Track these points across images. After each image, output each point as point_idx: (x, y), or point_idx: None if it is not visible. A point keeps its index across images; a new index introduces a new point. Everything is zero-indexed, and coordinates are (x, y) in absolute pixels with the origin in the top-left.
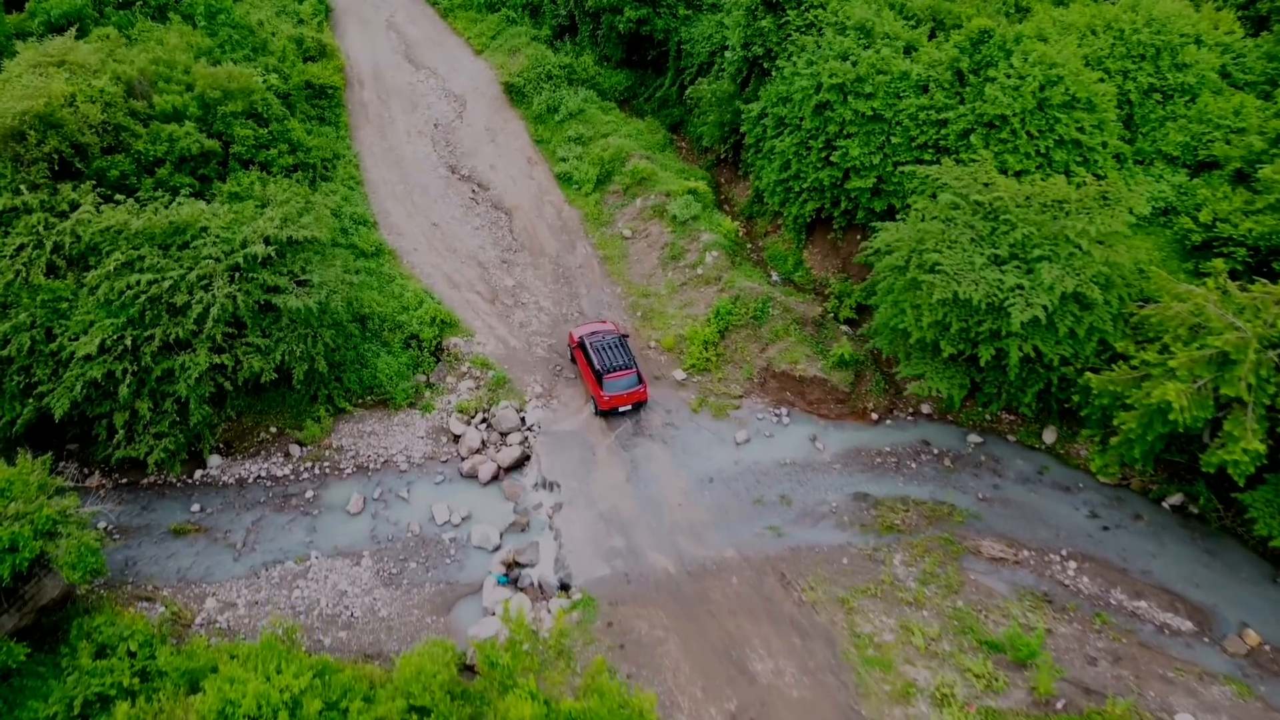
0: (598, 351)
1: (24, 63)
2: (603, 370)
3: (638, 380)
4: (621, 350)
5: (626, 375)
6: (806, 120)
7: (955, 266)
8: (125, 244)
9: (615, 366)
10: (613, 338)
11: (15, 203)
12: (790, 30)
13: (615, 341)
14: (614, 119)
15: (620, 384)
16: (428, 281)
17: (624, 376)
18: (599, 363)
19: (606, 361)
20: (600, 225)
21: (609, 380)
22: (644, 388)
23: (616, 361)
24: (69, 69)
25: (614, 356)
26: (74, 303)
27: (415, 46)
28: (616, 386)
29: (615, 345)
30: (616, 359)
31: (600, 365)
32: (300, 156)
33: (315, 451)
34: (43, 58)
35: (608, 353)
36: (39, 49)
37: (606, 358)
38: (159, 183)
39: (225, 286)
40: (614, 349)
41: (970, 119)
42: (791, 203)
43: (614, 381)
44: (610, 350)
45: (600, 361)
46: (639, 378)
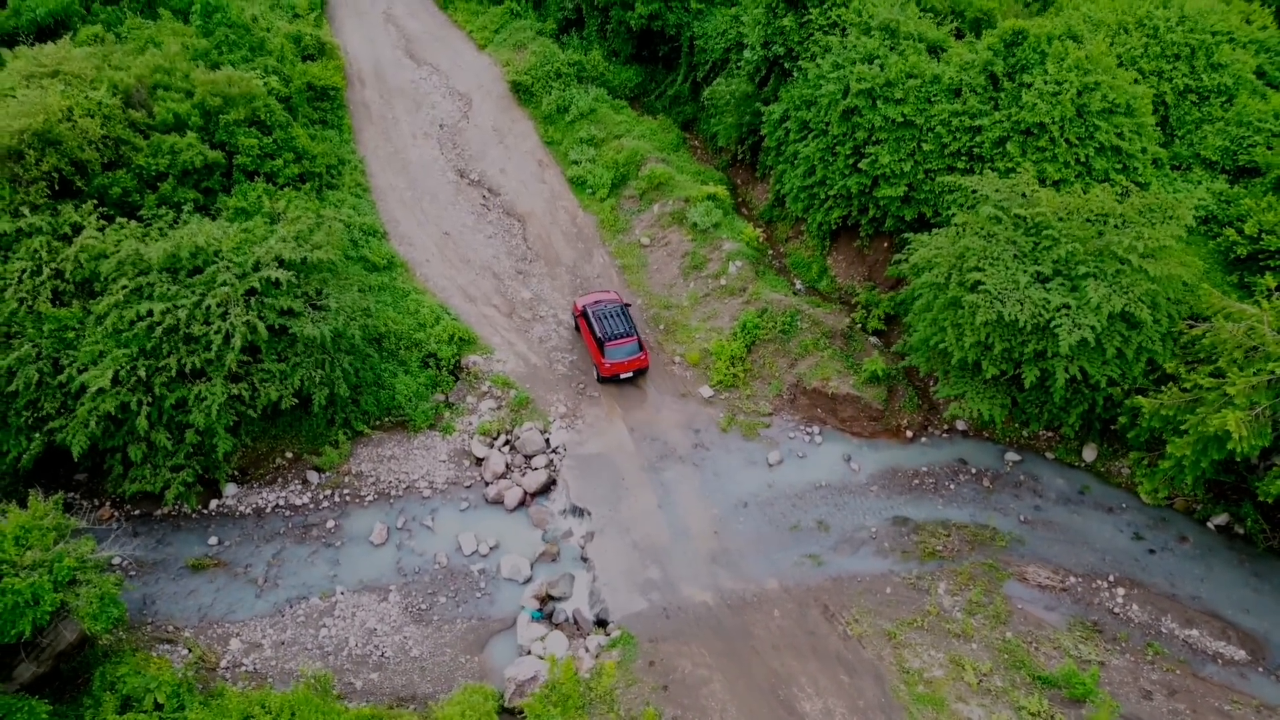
0: (599, 320)
1: (16, 73)
2: (604, 338)
3: (639, 348)
4: (623, 318)
5: (628, 343)
6: (833, 126)
7: (998, 285)
8: (132, 269)
9: (616, 334)
10: (615, 306)
11: (17, 225)
12: (813, 29)
13: (617, 310)
14: (626, 118)
15: (621, 351)
16: (443, 295)
17: (625, 344)
18: (600, 331)
19: (608, 329)
20: (617, 232)
21: (610, 348)
22: (645, 355)
23: (618, 329)
24: (64, 79)
25: (615, 324)
26: (81, 332)
27: (416, 41)
28: (618, 354)
29: (617, 314)
30: (618, 327)
31: (601, 333)
32: (305, 165)
33: (334, 478)
34: (36, 68)
35: (609, 321)
36: (31, 57)
37: (608, 325)
38: (162, 199)
39: (243, 313)
40: (615, 317)
41: (1006, 126)
42: (816, 209)
43: (615, 349)
44: (612, 319)
45: (602, 329)
46: (640, 345)
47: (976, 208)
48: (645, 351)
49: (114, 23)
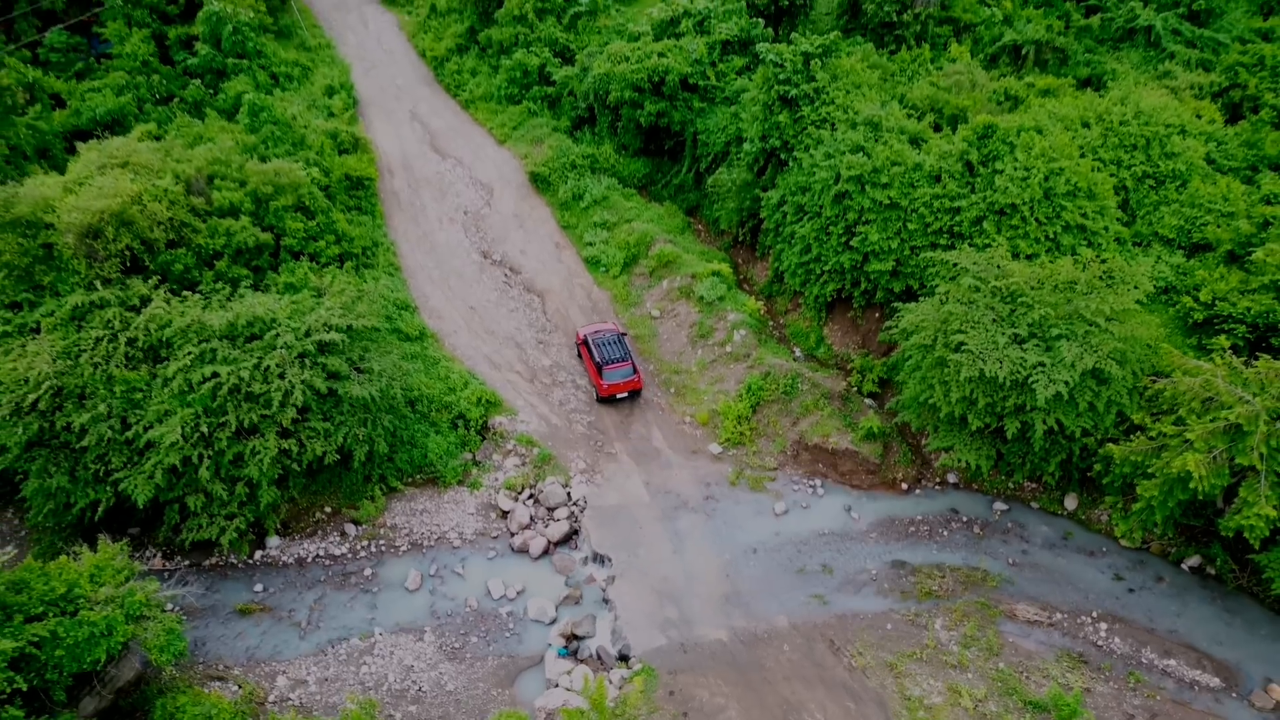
0: (598, 347)
1: (90, 163)
2: (602, 362)
3: (633, 371)
4: (619, 345)
5: (623, 367)
6: (827, 208)
7: (980, 346)
8: (196, 336)
9: (613, 359)
10: (612, 335)
11: (91, 298)
12: (805, 124)
13: (614, 338)
14: (635, 205)
15: (618, 374)
16: (469, 363)
17: (621, 368)
18: (599, 356)
19: (606, 355)
20: (629, 306)
21: (608, 370)
22: (638, 377)
23: (614, 355)
24: (133, 169)
25: (612, 350)
26: (148, 393)
27: (440, 137)
28: (614, 376)
29: (614, 341)
30: (614, 352)
31: (600, 358)
32: (344, 246)
33: (370, 530)
34: (108, 159)
35: (607, 348)
36: (101, 149)
37: (606, 352)
38: (218, 275)
39: (300, 372)
40: (612, 344)
41: (982, 207)
42: (812, 283)
43: (612, 372)
44: (609, 345)
45: (600, 355)
46: (634, 369)
47: (958, 279)
48: (639, 374)
49: (165, 121)
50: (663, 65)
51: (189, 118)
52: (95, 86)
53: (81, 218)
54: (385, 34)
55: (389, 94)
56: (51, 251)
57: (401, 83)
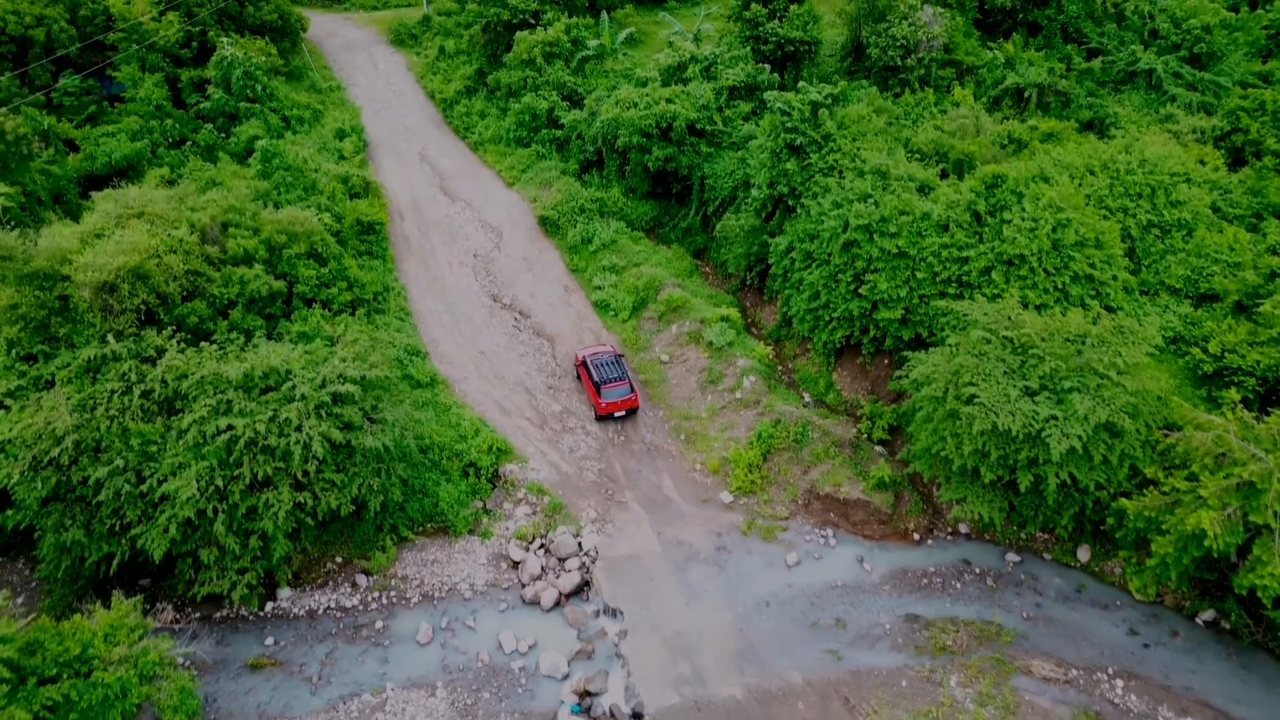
0: (597, 368)
1: (107, 214)
2: (600, 382)
3: (630, 390)
4: (617, 366)
5: (620, 386)
6: (835, 256)
7: (992, 398)
8: (211, 389)
9: (611, 379)
10: (609, 356)
11: (106, 350)
12: (813, 171)
13: (611, 359)
14: (644, 248)
15: (616, 393)
16: (480, 409)
17: (619, 387)
18: (597, 376)
19: (604, 375)
20: (639, 350)
21: (606, 390)
22: (635, 396)
23: (612, 375)
24: (148, 219)
25: (610, 371)
26: (163, 445)
27: (449, 179)
28: (612, 395)
29: (611, 362)
30: (612, 373)
31: (599, 378)
32: (356, 292)
33: (382, 581)
34: (124, 209)
35: (605, 368)
36: (118, 199)
37: (604, 372)
38: (232, 325)
39: (317, 424)
40: (610, 365)
41: (990, 257)
42: (821, 330)
43: (610, 391)
44: (607, 366)
45: (599, 375)
46: (631, 388)
47: (968, 330)
48: (635, 393)
49: (178, 165)
50: (670, 111)
51: (201, 161)
52: (110, 131)
53: (98, 275)
54: (394, 75)
55: (399, 135)
56: (67, 304)
57: (411, 124)
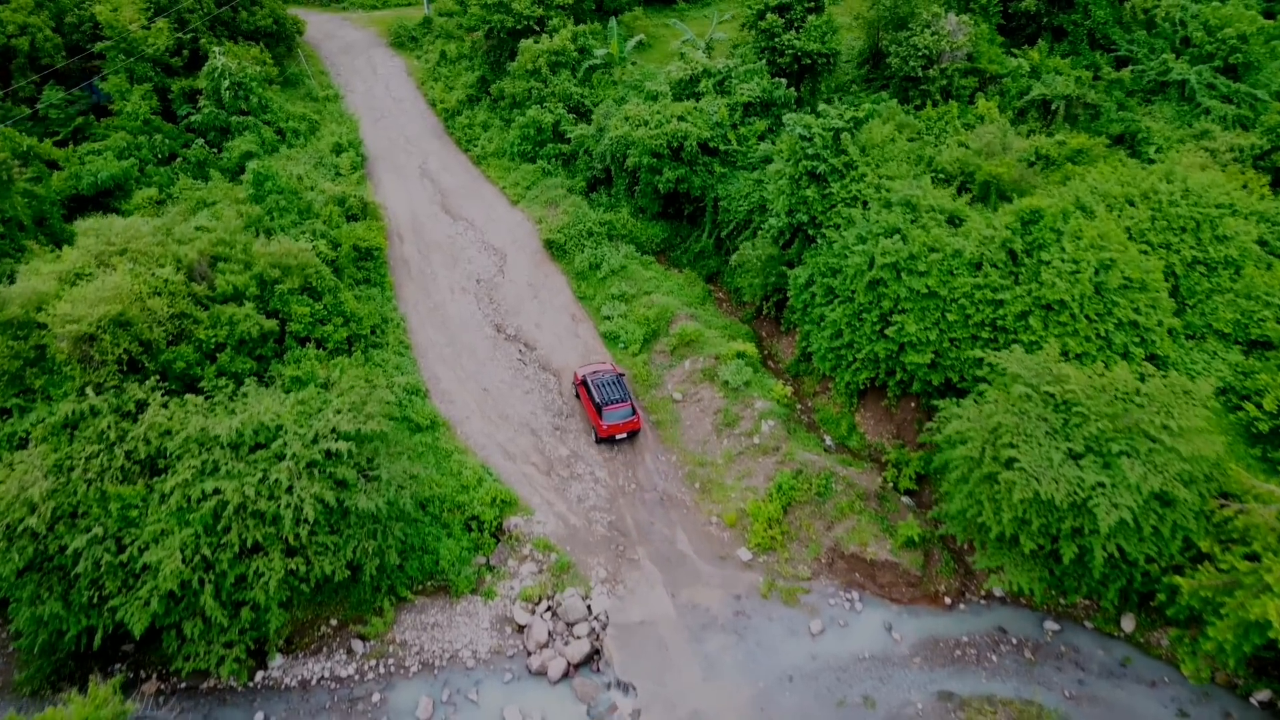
0: (598, 388)
1: (88, 251)
2: (602, 403)
3: (631, 411)
4: (618, 386)
5: (622, 407)
6: (860, 294)
7: (1033, 463)
8: (198, 447)
9: (613, 400)
10: (610, 376)
11: (83, 406)
12: (834, 200)
13: (612, 379)
14: (655, 274)
15: (617, 414)
16: (483, 454)
17: (621, 408)
18: (599, 397)
19: (605, 396)
20: (650, 387)
21: (607, 411)
22: (637, 418)
23: (614, 396)
24: (131, 256)
25: (611, 391)
26: (145, 510)
27: (451, 196)
28: (614, 417)
29: (613, 382)
30: (614, 394)
31: (600, 399)
32: (353, 328)
33: (379, 647)
34: (106, 246)
35: (606, 389)
36: (99, 234)
37: (605, 393)
38: (220, 369)
39: (309, 486)
40: (611, 385)
41: (1027, 301)
42: (843, 370)
43: (612, 413)
44: (608, 386)
45: (600, 396)
46: (633, 409)
47: (1006, 384)
48: (637, 415)
49: (167, 184)
50: (682, 130)
51: (192, 179)
52: (95, 149)
53: (77, 328)
54: (394, 81)
55: (398, 147)
56: (44, 353)
57: (411, 134)
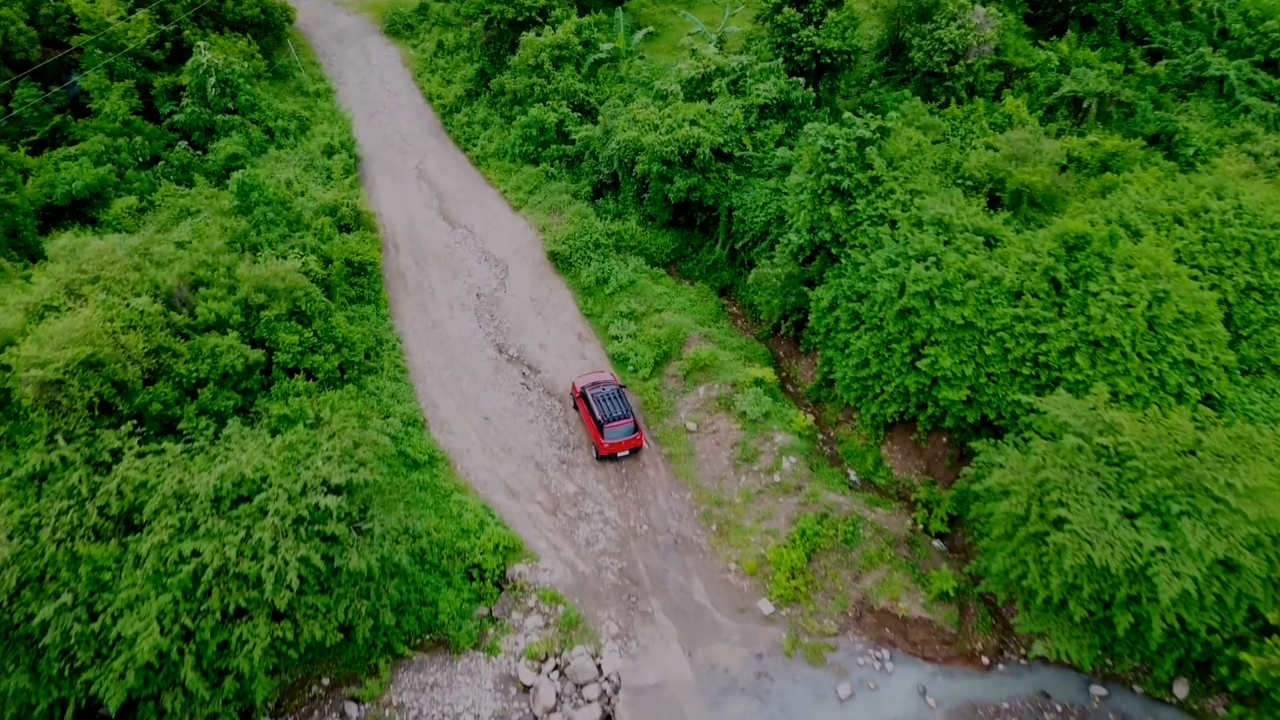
0: (598, 402)
1: (58, 280)
2: (603, 420)
3: (634, 428)
4: (620, 401)
5: (625, 424)
6: (889, 323)
7: (1085, 524)
8: (176, 502)
9: (615, 416)
10: (612, 389)
11: (53, 457)
12: (860, 218)
13: (614, 393)
14: (665, 289)
15: (619, 432)
16: (484, 491)
17: (623, 425)
18: (600, 413)
19: (607, 412)
20: (662, 415)
21: (609, 429)
22: (640, 435)
23: (616, 412)
24: (104, 285)
25: (614, 407)
26: (118, 572)
27: (449, 200)
28: (616, 435)
29: (614, 396)
30: (616, 409)
31: (601, 416)
32: (345, 354)
33: (374, 710)
34: (77, 274)
35: (608, 403)
36: (69, 260)
37: (607, 408)
38: (202, 408)
39: (295, 547)
40: (613, 400)
41: (1074, 336)
42: (870, 401)
43: (614, 430)
44: (610, 401)
45: (601, 412)
46: (635, 426)
47: (1054, 434)
48: (640, 431)
49: (147, 190)
50: (694, 135)
51: (174, 185)
52: (72, 154)
53: (42, 373)
54: (389, 72)
55: (394, 146)
56: (8, 397)
57: (407, 132)
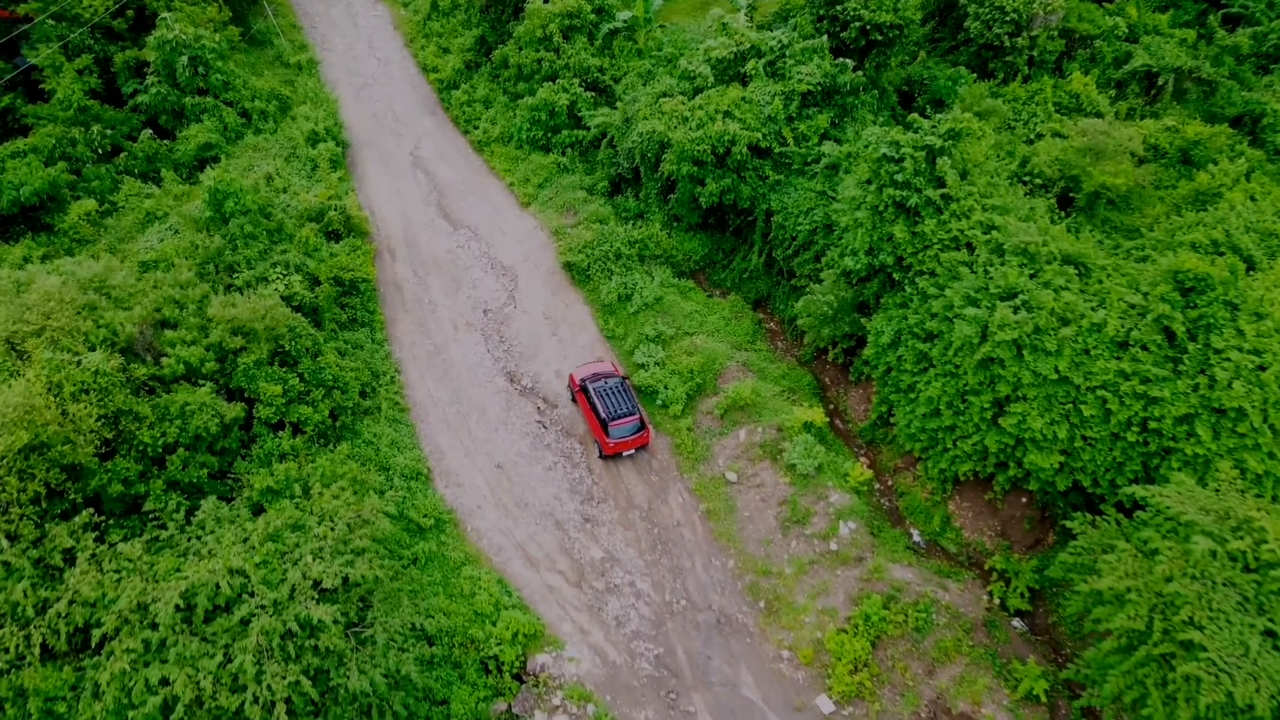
0: (602, 397)
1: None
2: (608, 418)
3: (640, 425)
4: (625, 396)
5: (630, 421)
6: (968, 373)
7: (1222, 649)
8: (138, 617)
9: (620, 414)
10: (615, 382)
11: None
12: (929, 241)
13: (618, 386)
14: (695, 305)
15: (624, 430)
16: (499, 559)
17: (628, 423)
18: (604, 410)
19: (611, 408)
20: (696, 461)
21: (614, 427)
22: (647, 432)
23: (621, 409)
24: (51, 337)
25: (618, 403)
26: (74, 704)
27: (449, 194)
28: (621, 433)
29: (618, 390)
30: (621, 406)
31: (605, 413)
32: (337, 399)
33: None
34: (19, 324)
35: (612, 398)
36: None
37: (611, 404)
38: (171, 481)
39: (282, 670)
40: (617, 394)
41: (1193, 401)
42: (938, 456)
43: (619, 428)
44: (614, 396)
45: (605, 409)
46: (642, 422)
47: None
48: (647, 428)
49: (108, 189)
50: (729, 131)
51: (139, 183)
52: (20, 150)
53: None
54: (379, 37)
55: (385, 127)
56: None
57: (400, 109)
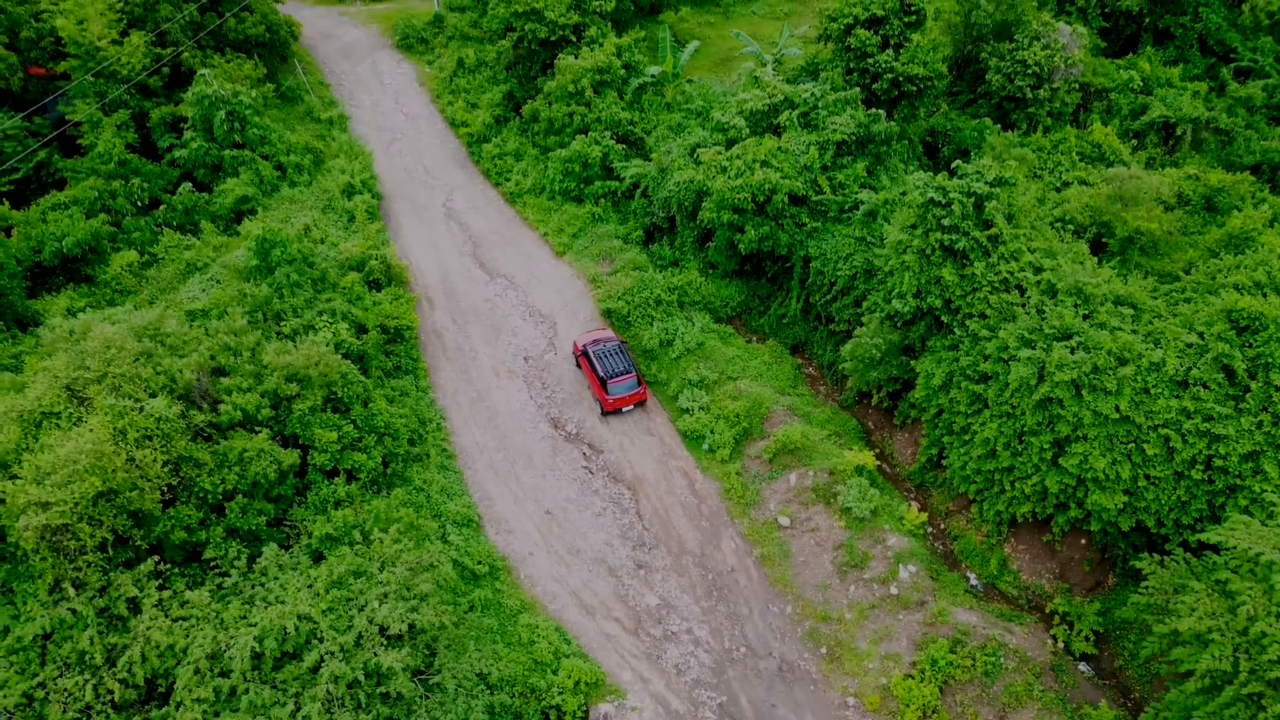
0: (600, 359)
1: (57, 381)
2: (606, 376)
3: (637, 383)
4: (622, 356)
5: (628, 379)
6: (1026, 415)
7: None
8: (209, 665)
9: (617, 372)
10: (614, 344)
11: (60, 613)
12: (978, 283)
13: (616, 348)
14: (737, 351)
15: (622, 387)
16: (554, 607)
17: (626, 380)
18: (603, 370)
19: (610, 368)
20: (747, 506)
21: (612, 385)
22: (643, 389)
23: (618, 368)
24: (112, 384)
25: (616, 363)
26: None
27: (484, 245)
28: (619, 389)
29: (616, 352)
30: (618, 365)
31: (604, 372)
32: (389, 445)
33: None
34: (80, 371)
35: (610, 359)
36: (71, 352)
37: (609, 364)
38: (230, 528)
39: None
40: (615, 355)
41: (1258, 438)
42: (994, 498)
43: (617, 385)
44: (612, 357)
45: (604, 368)
46: (638, 380)
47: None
48: (644, 385)
49: (148, 241)
50: (770, 180)
51: (178, 234)
52: (61, 201)
53: (45, 517)
54: (405, 93)
55: (417, 180)
56: (5, 535)
57: (430, 163)
